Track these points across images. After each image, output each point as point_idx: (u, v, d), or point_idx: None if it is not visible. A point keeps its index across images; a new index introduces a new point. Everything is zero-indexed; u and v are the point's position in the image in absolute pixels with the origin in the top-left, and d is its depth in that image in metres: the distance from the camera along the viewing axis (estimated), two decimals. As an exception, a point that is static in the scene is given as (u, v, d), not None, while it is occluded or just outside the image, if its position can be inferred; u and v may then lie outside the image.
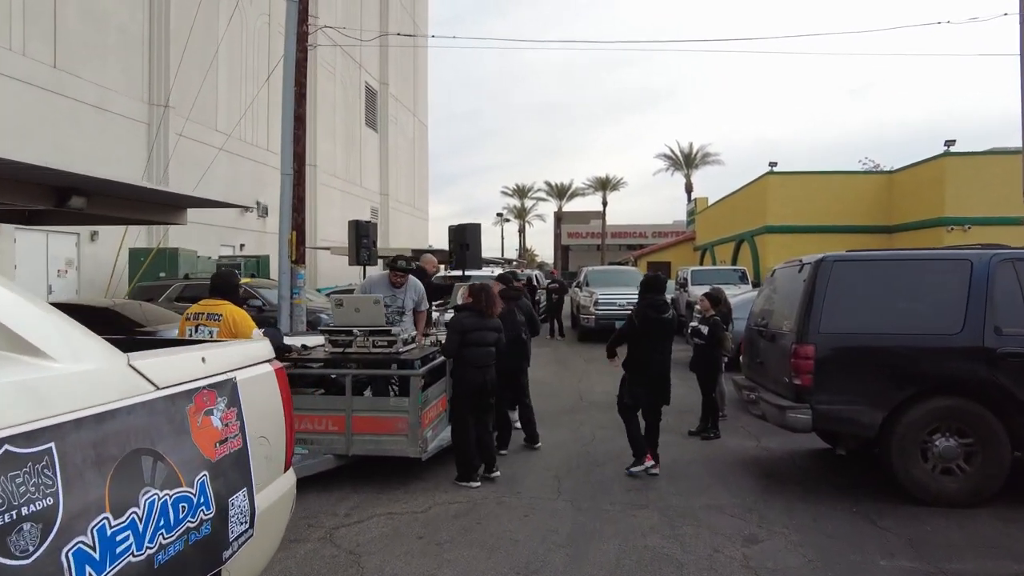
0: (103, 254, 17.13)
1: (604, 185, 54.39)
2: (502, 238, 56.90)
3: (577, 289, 17.92)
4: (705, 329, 6.80)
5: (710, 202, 30.43)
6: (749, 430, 6.87)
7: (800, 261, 5.19)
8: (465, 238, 7.71)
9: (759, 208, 20.23)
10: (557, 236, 59.77)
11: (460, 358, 5.06)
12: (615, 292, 14.67)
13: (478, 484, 5.03)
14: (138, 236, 17.76)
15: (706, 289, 7.74)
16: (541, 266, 50.94)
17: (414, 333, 5.38)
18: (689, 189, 47.48)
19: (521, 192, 62.79)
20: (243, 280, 13.25)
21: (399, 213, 40.95)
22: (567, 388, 9.61)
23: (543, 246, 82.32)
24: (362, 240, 7.89)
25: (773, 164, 20.02)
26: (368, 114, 36.45)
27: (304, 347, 5.30)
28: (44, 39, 15.50)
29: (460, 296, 6.20)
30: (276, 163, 28.00)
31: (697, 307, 7.03)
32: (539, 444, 6.28)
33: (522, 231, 64.19)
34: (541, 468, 5.62)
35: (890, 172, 19.29)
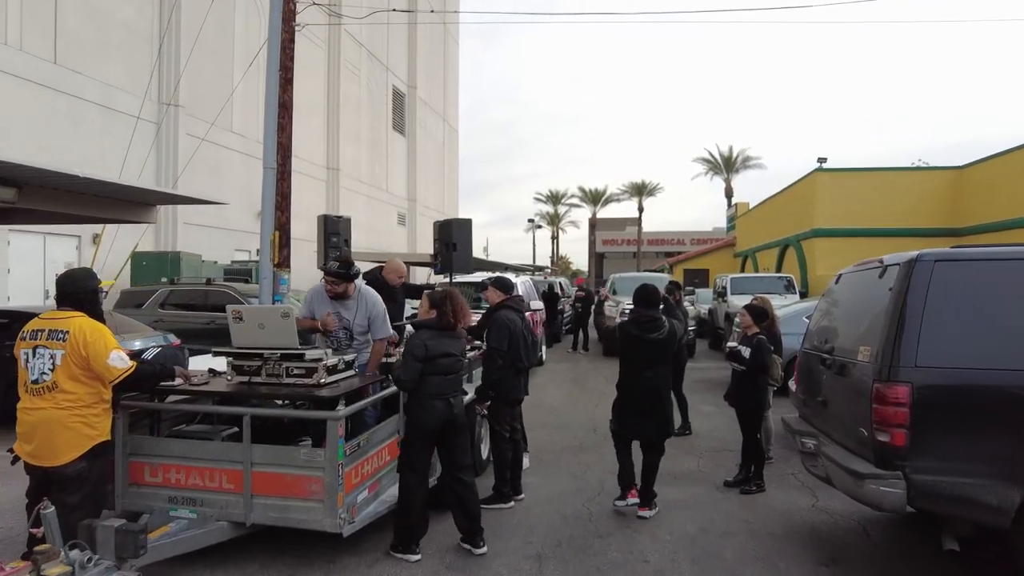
0: (106, 258, 16.41)
1: (640, 190, 52.77)
2: (533, 245, 55.92)
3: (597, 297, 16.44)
4: (746, 351, 5.28)
5: (751, 206, 28.54)
6: (802, 479, 5.36)
7: (880, 262, 3.71)
8: (452, 236, 6.40)
9: (806, 209, 18.36)
10: (591, 243, 58.22)
11: (417, 390, 3.85)
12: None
13: (418, 557, 3.79)
14: (141, 239, 17.05)
15: (748, 300, 6.23)
16: (567, 272, 49.48)
17: (350, 357, 4.05)
18: (729, 194, 45.43)
19: (554, 198, 61.38)
20: (239, 285, 12.29)
21: (427, 219, 39.97)
22: (579, 416, 8.18)
23: (577, 254, 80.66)
24: (331, 239, 6.62)
25: (822, 160, 18.17)
26: (395, 118, 35.63)
27: (212, 372, 4.04)
28: (43, 34, 14.85)
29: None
30: (296, 166, 27.22)
31: (737, 321, 5.52)
32: (522, 496, 4.91)
33: (555, 238, 62.72)
34: (519, 537, 4.22)
35: (959, 168, 17.23)
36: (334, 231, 6.66)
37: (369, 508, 3.75)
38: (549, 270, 46.64)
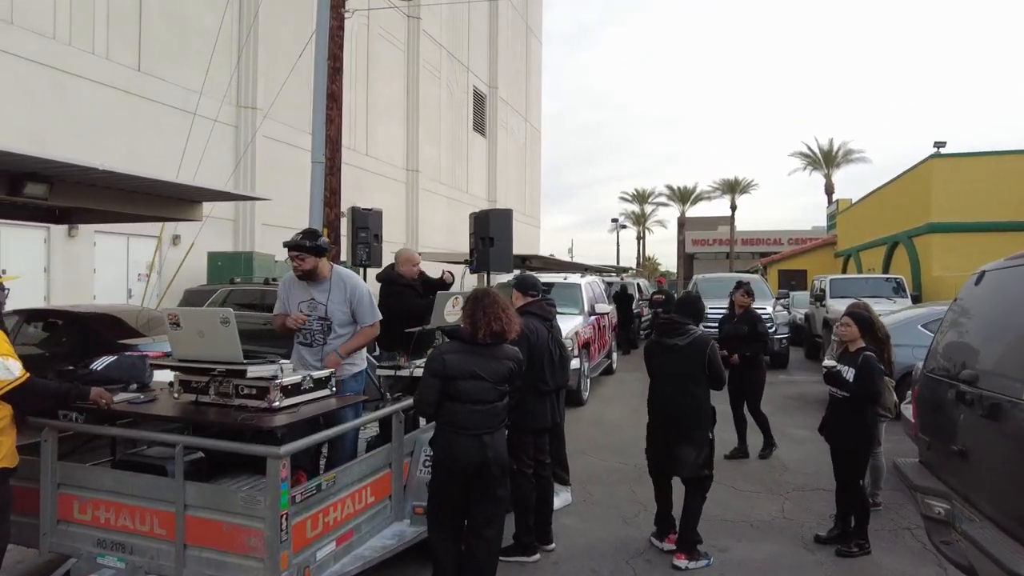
0: (193, 258, 16.83)
1: (732, 188, 50.21)
2: (617, 246, 53.93)
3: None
4: (849, 373, 4.08)
5: (854, 201, 25.99)
6: (923, 538, 4.12)
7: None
8: (489, 229, 5.56)
9: (920, 202, 16.19)
10: (680, 243, 55.99)
11: (441, 420, 3.12)
12: (713, 306, 11.73)
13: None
14: (219, 240, 17.35)
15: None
16: (655, 274, 47.43)
17: (322, 373, 3.26)
18: (829, 190, 42.11)
19: (640, 197, 59.44)
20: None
21: (507, 220, 39.42)
22: (639, 437, 7.11)
23: (666, 255, 78.09)
24: (359, 233, 5.94)
25: (940, 144, 15.89)
26: (476, 118, 35.33)
27: (171, 386, 3.39)
28: (128, 43, 15.34)
29: (446, 311, 3.99)
30: (375, 168, 27.34)
31: (837, 331, 4.34)
32: (552, 546, 3.99)
33: (641, 238, 60.71)
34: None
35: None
36: (363, 224, 6.00)
37: (335, 567, 2.96)
38: (632, 271, 45.05)
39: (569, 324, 8.59)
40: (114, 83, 14.80)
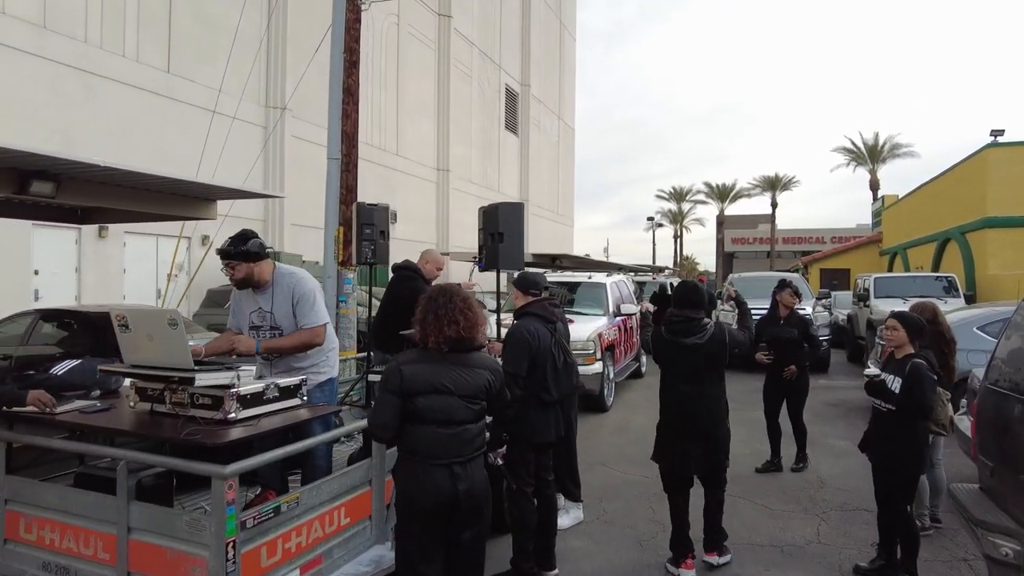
0: (214, 259, 16.91)
1: (773, 185, 48.82)
2: (653, 245, 53.10)
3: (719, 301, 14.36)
4: (895, 382, 3.54)
5: (901, 196, 24.80)
6: (979, 569, 3.61)
7: None
8: (498, 224, 5.18)
9: (974, 195, 15.21)
10: (719, 242, 54.80)
11: (402, 447, 2.60)
12: (764, 306, 11.11)
13: None
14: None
15: (898, 305, 4.46)
16: (693, 274, 46.36)
17: (290, 381, 2.94)
18: (875, 187, 40.48)
19: (678, 195, 58.26)
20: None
21: (540, 219, 39.20)
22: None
23: (704, 254, 76.55)
24: (364, 230, 5.62)
25: (997, 133, 14.89)
26: (508, 116, 35.02)
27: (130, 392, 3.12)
28: (158, 44, 15.47)
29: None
30: (405, 167, 27.29)
31: (882, 335, 3.81)
32: (555, 572, 3.61)
33: (678, 237, 59.52)
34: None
35: None
36: (368, 221, 5.66)
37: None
38: (669, 271, 44.18)
39: (592, 325, 8.18)
40: (144, 85, 14.94)
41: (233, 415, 2.61)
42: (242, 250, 3.28)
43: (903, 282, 13.19)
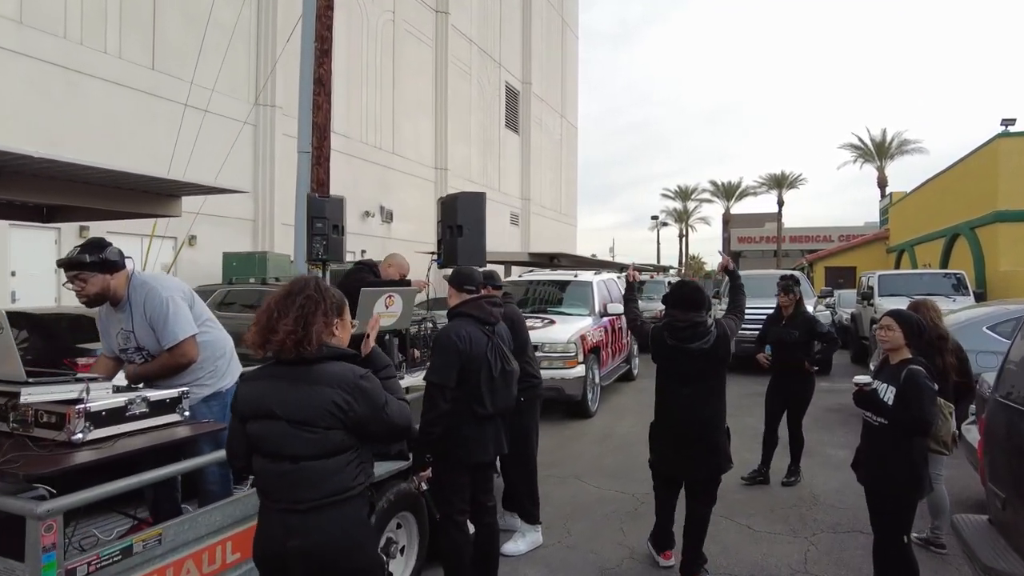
0: (202, 259, 16.57)
1: (779, 183, 48.32)
2: (658, 244, 52.48)
3: (715, 300, 13.79)
4: (889, 392, 3.05)
5: (909, 192, 24.16)
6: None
7: None
8: (456, 216, 4.71)
9: (985, 188, 14.60)
10: (725, 241, 54.27)
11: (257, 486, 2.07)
12: (757, 306, 10.58)
13: None
14: (237, 239, 17.03)
15: (904, 304, 3.96)
16: (699, 273, 45.75)
17: (167, 394, 2.49)
18: (882, 184, 39.84)
19: (683, 194, 57.66)
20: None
21: (542, 219, 38.75)
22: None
23: (710, 254, 75.69)
24: (315, 223, 5.18)
25: (1008, 122, 14.26)
26: (509, 115, 34.58)
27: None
28: (142, 41, 15.15)
29: (377, 311, 3.21)
30: (402, 166, 26.92)
31: (876, 336, 3.30)
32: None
33: (683, 236, 58.89)
34: None
35: None
36: (318, 214, 5.21)
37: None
38: (674, 270, 43.59)
39: (575, 326, 7.72)
40: (128, 82, 14.62)
41: (80, 436, 2.17)
42: (100, 259, 2.76)
43: (909, 280, 12.64)
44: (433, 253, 5.45)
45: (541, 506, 4.09)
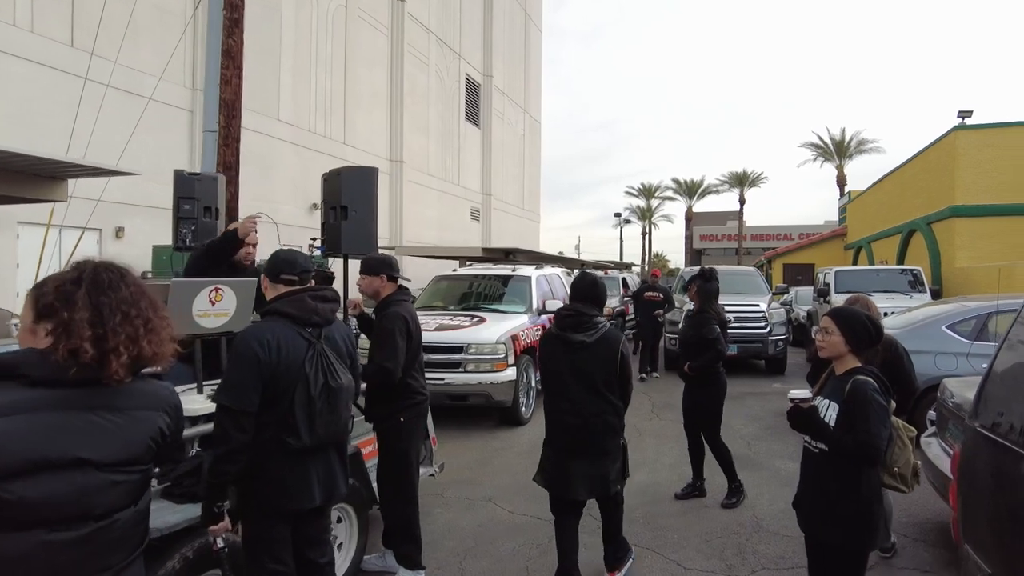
0: (131, 253, 15.45)
1: (741, 181, 48.58)
2: (620, 242, 52.46)
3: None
4: (831, 410, 2.41)
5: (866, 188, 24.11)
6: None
7: None
8: (340, 196, 3.96)
9: (942, 182, 14.38)
10: (688, 239, 54.51)
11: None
12: (735, 303, 10.04)
13: None
14: (166, 231, 15.98)
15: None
16: (665, 270, 45.59)
17: None
18: (842, 182, 40.14)
19: (647, 192, 57.60)
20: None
21: (504, 214, 38.06)
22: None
23: (673, 252, 76.07)
24: (182, 206, 4.37)
25: (965, 114, 14.04)
26: (469, 108, 33.77)
27: None
28: (58, 15, 13.96)
29: (196, 310, 2.43)
30: (354, 157, 25.86)
31: (816, 340, 2.64)
32: None
33: (646, 233, 58.84)
34: None
35: None
36: (187, 194, 4.40)
37: None
38: (637, 268, 43.30)
39: (505, 325, 7.03)
40: (44, 60, 13.45)
41: None
42: None
43: (866, 276, 12.32)
44: (314, 239, 4.68)
45: (439, 540, 3.40)
